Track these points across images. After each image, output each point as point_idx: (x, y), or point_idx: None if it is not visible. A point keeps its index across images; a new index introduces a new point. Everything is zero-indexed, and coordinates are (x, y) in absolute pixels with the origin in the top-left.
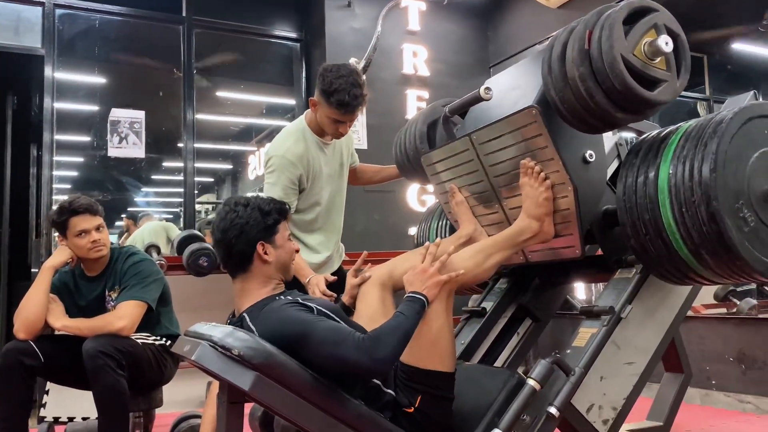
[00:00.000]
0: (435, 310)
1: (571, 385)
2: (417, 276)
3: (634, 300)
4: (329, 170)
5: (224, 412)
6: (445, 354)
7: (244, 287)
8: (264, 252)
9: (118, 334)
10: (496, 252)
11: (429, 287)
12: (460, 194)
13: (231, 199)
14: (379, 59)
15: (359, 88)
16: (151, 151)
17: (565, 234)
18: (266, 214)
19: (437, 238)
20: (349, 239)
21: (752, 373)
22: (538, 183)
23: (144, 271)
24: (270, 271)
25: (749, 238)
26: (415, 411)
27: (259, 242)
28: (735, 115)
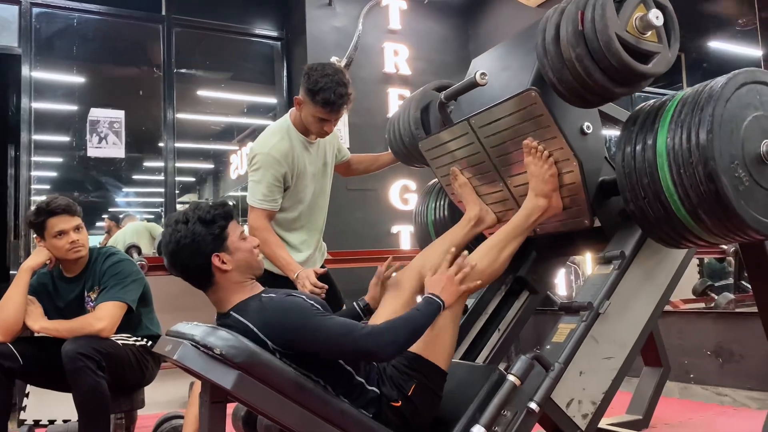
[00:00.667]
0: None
1: (551, 380)
2: (440, 281)
3: (612, 295)
4: (313, 169)
5: (207, 411)
6: (445, 351)
7: (218, 298)
8: (221, 262)
9: (98, 335)
10: (508, 243)
11: (449, 294)
12: (462, 176)
13: (170, 217)
14: (361, 58)
15: (345, 87)
16: (131, 151)
17: (573, 207)
18: (210, 223)
19: (457, 250)
20: (330, 237)
21: (729, 367)
22: (542, 161)
23: (123, 271)
24: (235, 277)
25: (744, 197)
26: (404, 403)
27: (213, 255)
28: (729, 81)
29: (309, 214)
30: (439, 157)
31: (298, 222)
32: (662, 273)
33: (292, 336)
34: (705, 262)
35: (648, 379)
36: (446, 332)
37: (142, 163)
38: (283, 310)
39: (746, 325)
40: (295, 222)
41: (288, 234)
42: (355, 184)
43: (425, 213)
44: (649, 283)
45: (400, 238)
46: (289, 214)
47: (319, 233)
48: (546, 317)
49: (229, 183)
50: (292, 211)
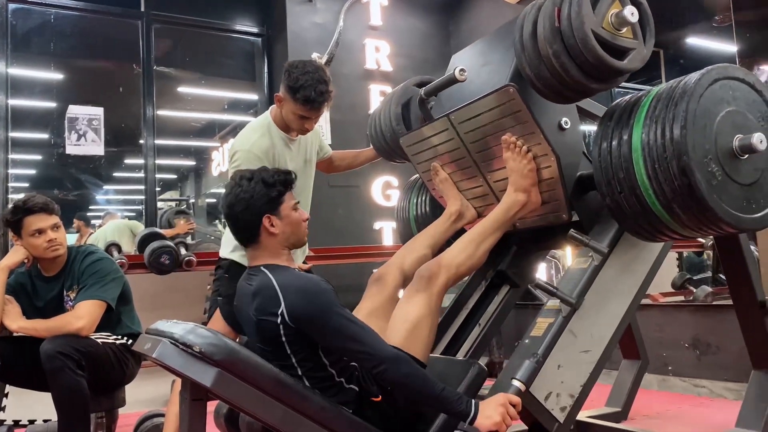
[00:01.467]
0: (422, 300)
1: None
2: (493, 406)
3: (590, 289)
4: (294, 166)
5: (187, 409)
6: (424, 342)
7: (255, 255)
8: (270, 224)
9: (77, 334)
10: (486, 237)
11: (487, 418)
12: (443, 172)
13: (236, 173)
14: (342, 54)
15: (325, 84)
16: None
17: (551, 201)
18: (270, 186)
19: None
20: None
21: (706, 359)
22: (521, 156)
23: (102, 269)
24: (278, 243)
25: (717, 191)
26: (384, 398)
27: (265, 215)
28: (702, 77)
29: None
30: (420, 152)
31: None
32: (639, 266)
33: (311, 314)
34: (684, 256)
35: (627, 372)
36: (424, 324)
37: (122, 160)
38: (314, 285)
39: (723, 318)
40: None
41: None
42: (337, 180)
43: (407, 209)
44: (626, 276)
45: (383, 234)
46: None
47: None
48: (527, 311)
49: (211, 180)
50: None
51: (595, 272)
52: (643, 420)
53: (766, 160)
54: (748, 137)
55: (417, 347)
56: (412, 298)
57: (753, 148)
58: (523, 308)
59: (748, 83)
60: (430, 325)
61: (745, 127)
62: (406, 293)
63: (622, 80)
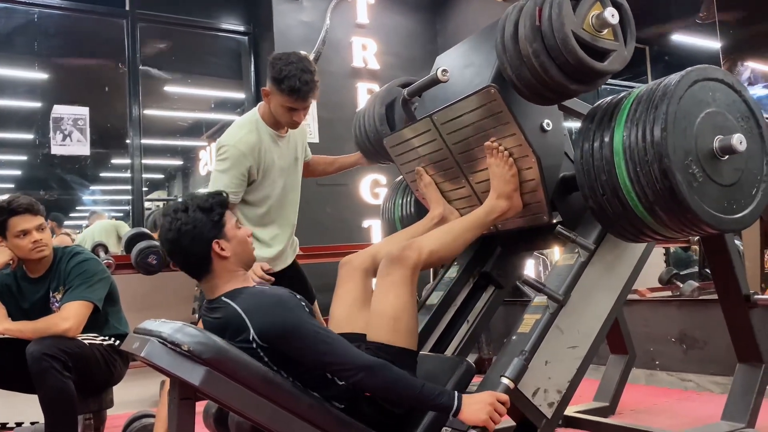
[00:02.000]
0: (398, 286)
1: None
2: (479, 401)
3: (577, 285)
4: (282, 163)
5: (175, 408)
6: (408, 331)
7: (211, 285)
8: (220, 249)
9: (64, 335)
10: (463, 233)
11: (473, 413)
12: (427, 176)
13: (168, 207)
14: (329, 53)
15: (310, 74)
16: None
17: (532, 203)
18: (209, 211)
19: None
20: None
21: (693, 353)
22: (504, 162)
23: (89, 270)
24: (231, 265)
25: (698, 193)
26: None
27: (213, 241)
28: (682, 78)
29: (279, 208)
30: (404, 153)
31: (268, 217)
32: (623, 265)
33: (281, 332)
34: (671, 252)
35: (614, 367)
36: (405, 313)
37: (108, 160)
38: (277, 302)
39: (709, 312)
40: (265, 217)
41: (258, 230)
42: (325, 179)
43: (392, 209)
44: (610, 275)
45: (371, 232)
46: (258, 210)
47: (291, 228)
48: (515, 308)
49: (199, 179)
50: (261, 206)
51: (581, 268)
52: (631, 414)
53: (746, 161)
54: (728, 138)
55: (403, 338)
56: (387, 288)
57: (733, 149)
58: (512, 305)
59: (728, 84)
60: (410, 312)
61: (725, 128)
62: (379, 282)
63: (603, 82)
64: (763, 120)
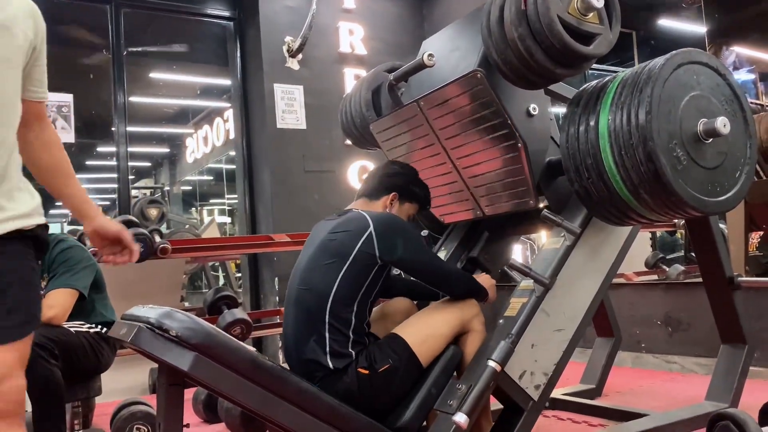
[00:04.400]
0: (454, 319)
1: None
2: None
3: (563, 269)
4: None
5: (164, 394)
6: (430, 352)
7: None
8: (391, 204)
9: (49, 323)
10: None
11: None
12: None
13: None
14: (315, 38)
15: None
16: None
17: (518, 188)
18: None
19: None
20: (288, 219)
21: (678, 335)
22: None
23: (73, 257)
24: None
25: (683, 176)
26: (371, 374)
27: (394, 194)
28: (666, 62)
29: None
30: (391, 139)
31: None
32: (608, 249)
33: (398, 240)
34: (658, 236)
35: (600, 350)
36: (441, 339)
37: (93, 148)
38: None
39: (693, 295)
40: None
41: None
42: (312, 165)
43: None
44: (596, 258)
45: None
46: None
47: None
48: (503, 292)
49: (186, 167)
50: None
51: (567, 252)
52: (617, 396)
53: (729, 144)
54: (712, 121)
55: (425, 354)
56: (443, 308)
57: (717, 132)
58: (499, 289)
59: (712, 67)
60: (444, 342)
61: (709, 111)
62: (440, 302)
63: (588, 66)
64: (746, 103)
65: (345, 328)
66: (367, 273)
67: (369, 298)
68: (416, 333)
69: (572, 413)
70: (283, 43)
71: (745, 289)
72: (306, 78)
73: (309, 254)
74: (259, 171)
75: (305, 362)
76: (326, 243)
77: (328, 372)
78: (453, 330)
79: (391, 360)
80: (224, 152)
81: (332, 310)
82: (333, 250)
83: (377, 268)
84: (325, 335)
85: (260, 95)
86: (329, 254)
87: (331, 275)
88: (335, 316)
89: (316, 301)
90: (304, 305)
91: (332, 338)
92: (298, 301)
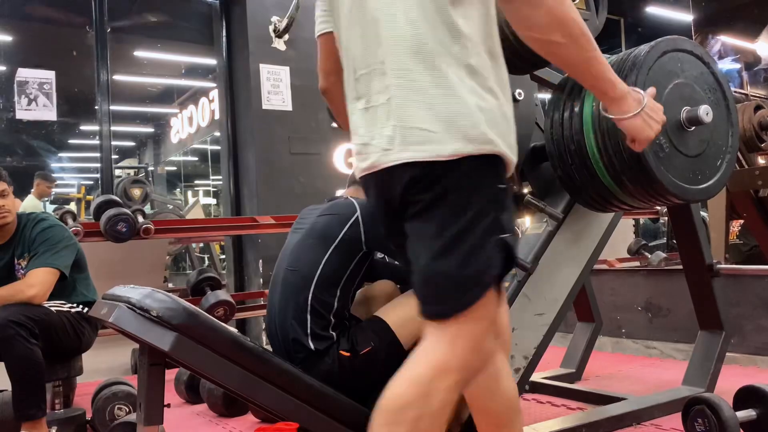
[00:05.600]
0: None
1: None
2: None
3: (545, 254)
4: None
5: (145, 374)
6: (412, 335)
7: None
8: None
9: (30, 302)
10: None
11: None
12: None
13: None
14: (303, 18)
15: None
16: (64, 114)
17: None
18: None
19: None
20: (274, 202)
21: (657, 321)
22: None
23: (54, 237)
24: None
25: (665, 164)
26: (352, 356)
27: None
28: (651, 49)
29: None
30: None
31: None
32: (590, 235)
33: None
34: (641, 223)
35: (581, 334)
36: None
37: (76, 126)
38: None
39: (673, 282)
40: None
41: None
42: (298, 148)
43: None
44: (578, 244)
45: None
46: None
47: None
48: None
49: (170, 147)
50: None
51: (549, 237)
52: (596, 380)
53: (711, 132)
54: (695, 109)
55: (407, 338)
56: None
57: (699, 120)
58: None
59: (697, 55)
60: (423, 327)
61: (693, 99)
62: None
63: None
64: (729, 92)
65: (326, 311)
66: (352, 257)
67: (353, 285)
68: (398, 316)
69: (552, 396)
70: (270, 23)
71: (725, 276)
72: (292, 59)
73: (297, 238)
74: (245, 152)
75: (287, 342)
76: (314, 225)
77: (309, 353)
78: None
79: (372, 342)
80: (209, 133)
81: (315, 293)
82: (318, 231)
83: (362, 254)
84: (306, 317)
85: (246, 75)
86: (315, 236)
87: (316, 257)
88: (317, 299)
89: (301, 282)
90: (289, 286)
91: (313, 320)
92: (284, 281)
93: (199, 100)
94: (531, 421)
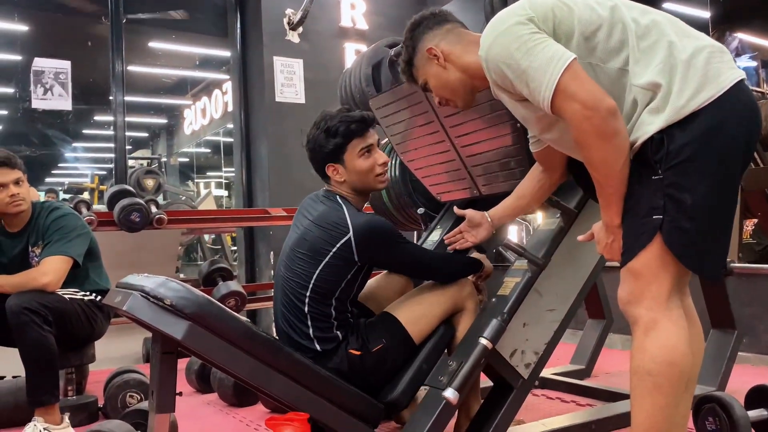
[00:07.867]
0: (445, 296)
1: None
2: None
3: (557, 250)
4: None
5: (157, 363)
6: (423, 332)
7: (331, 187)
8: (335, 172)
9: (43, 289)
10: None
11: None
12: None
13: (323, 112)
14: (316, 11)
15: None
16: (79, 104)
17: (516, 168)
18: (331, 136)
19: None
20: (284, 194)
21: None
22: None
23: (68, 225)
24: (347, 188)
25: None
26: (364, 354)
27: (328, 165)
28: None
29: None
30: (390, 116)
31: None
32: None
33: (380, 250)
34: None
35: (591, 331)
36: (434, 318)
37: (90, 116)
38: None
39: None
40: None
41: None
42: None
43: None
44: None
45: None
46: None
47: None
48: (497, 272)
49: (183, 138)
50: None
51: (562, 233)
52: (606, 377)
53: None
54: None
55: (417, 333)
56: (436, 290)
57: None
58: (494, 269)
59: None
60: (437, 321)
61: None
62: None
63: None
64: None
65: (325, 317)
66: (346, 271)
67: (348, 296)
68: (410, 312)
69: (561, 392)
70: (284, 16)
71: (737, 275)
72: (306, 52)
73: (294, 238)
74: (257, 144)
75: (293, 343)
76: (306, 233)
77: (316, 353)
78: (446, 309)
79: (384, 340)
80: (222, 125)
81: (310, 303)
82: (309, 244)
83: (356, 267)
84: (307, 323)
85: (259, 68)
86: (306, 247)
87: (308, 270)
88: (314, 309)
89: (297, 291)
90: (288, 293)
91: (314, 325)
92: (283, 287)
93: (213, 92)
94: (540, 416)
